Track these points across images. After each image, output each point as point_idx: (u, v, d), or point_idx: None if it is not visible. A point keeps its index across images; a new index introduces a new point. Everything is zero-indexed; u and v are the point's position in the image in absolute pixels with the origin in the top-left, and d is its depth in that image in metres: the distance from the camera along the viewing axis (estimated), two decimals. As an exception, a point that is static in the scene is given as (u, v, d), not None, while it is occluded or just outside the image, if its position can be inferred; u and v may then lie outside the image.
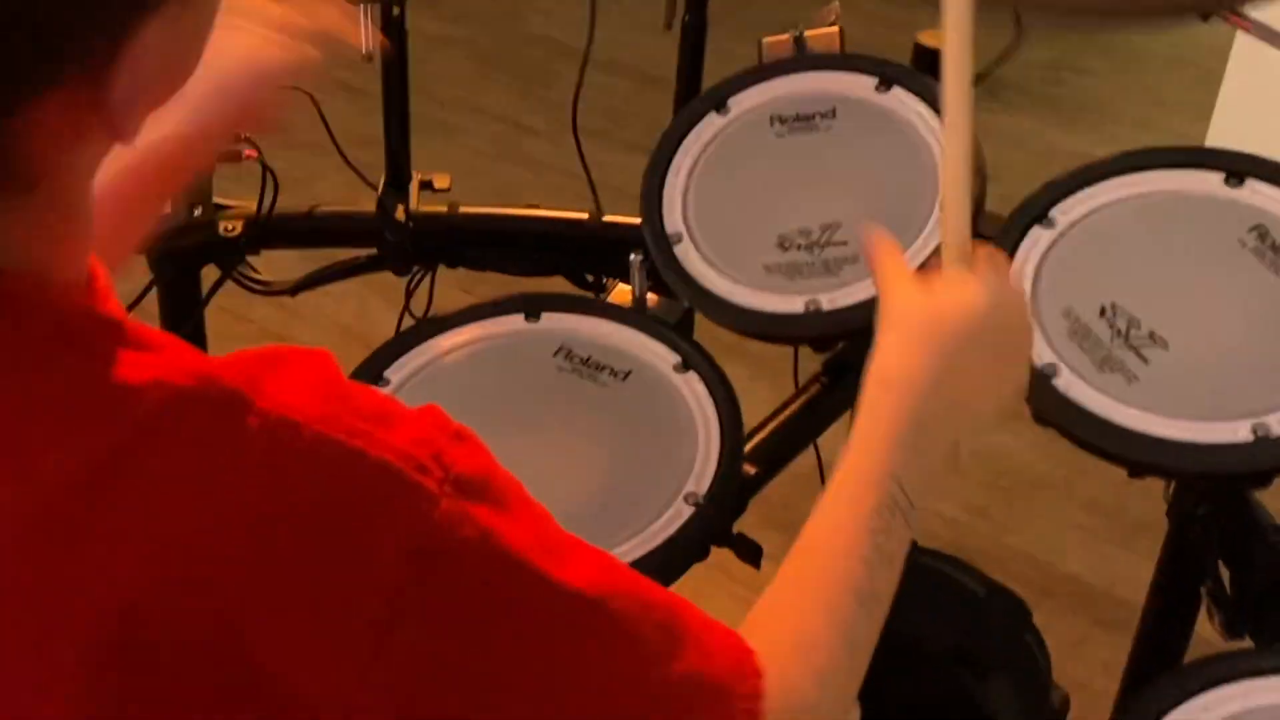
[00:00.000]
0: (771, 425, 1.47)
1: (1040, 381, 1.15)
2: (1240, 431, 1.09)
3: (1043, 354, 1.17)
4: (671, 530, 1.19)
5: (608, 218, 1.66)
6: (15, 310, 0.60)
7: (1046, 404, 1.15)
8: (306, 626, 0.59)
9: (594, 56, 1.71)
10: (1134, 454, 1.12)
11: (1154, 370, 1.15)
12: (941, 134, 0.99)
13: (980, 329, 0.91)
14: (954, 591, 1.41)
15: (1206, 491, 1.32)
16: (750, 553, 1.35)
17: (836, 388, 1.51)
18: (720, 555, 1.27)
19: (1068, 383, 1.15)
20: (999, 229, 1.26)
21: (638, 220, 1.42)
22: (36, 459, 0.58)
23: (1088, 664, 1.74)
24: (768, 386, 1.60)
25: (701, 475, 1.23)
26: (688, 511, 1.20)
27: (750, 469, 1.36)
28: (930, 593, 1.41)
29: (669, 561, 1.18)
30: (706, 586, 1.19)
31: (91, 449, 0.58)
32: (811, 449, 1.58)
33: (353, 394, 0.64)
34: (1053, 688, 1.43)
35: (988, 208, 1.33)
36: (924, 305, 0.92)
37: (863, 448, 0.87)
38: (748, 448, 1.33)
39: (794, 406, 1.50)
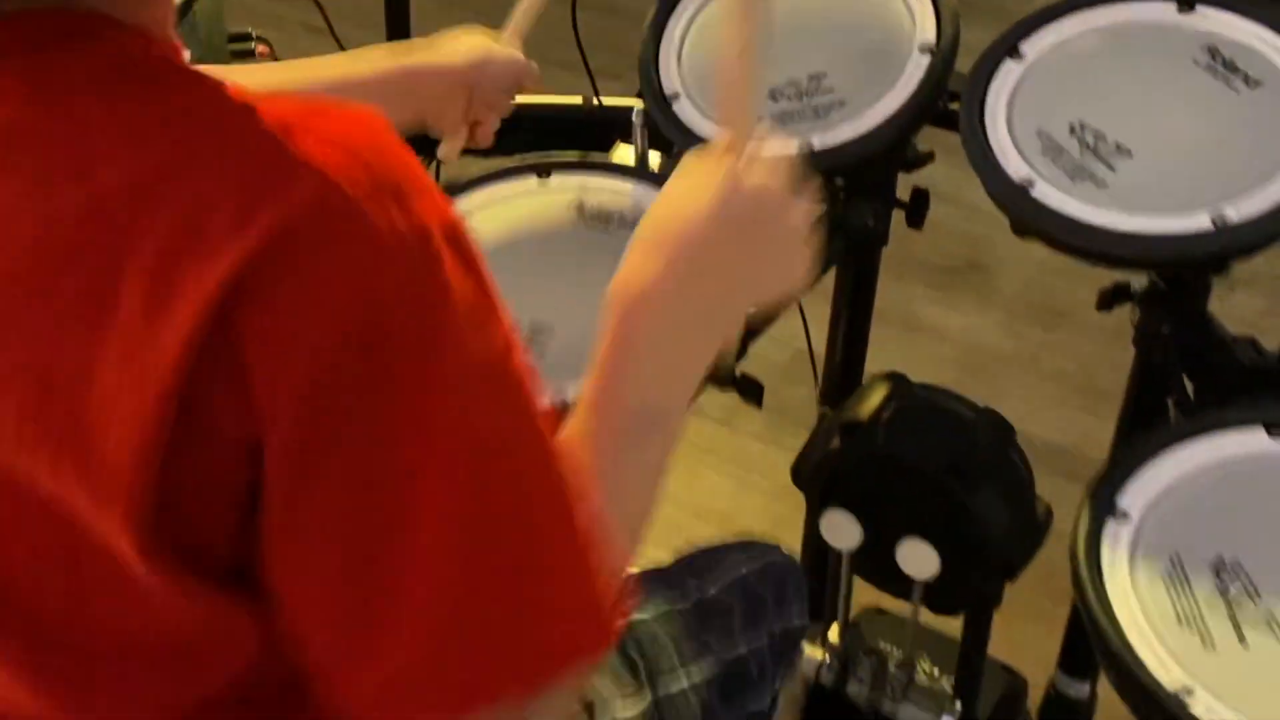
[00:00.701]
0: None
1: (1019, 193, 1.27)
2: (1201, 221, 1.21)
3: (1019, 169, 1.28)
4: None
5: (601, 100, 1.76)
6: (94, 39, 0.71)
7: (1025, 212, 1.26)
8: (283, 322, 0.65)
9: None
10: (1109, 249, 1.23)
11: (1121, 176, 1.26)
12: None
13: (716, 230, 0.91)
14: (945, 414, 1.52)
15: (1170, 309, 1.44)
16: (753, 392, 1.45)
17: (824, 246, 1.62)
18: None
19: (1044, 192, 1.26)
20: (972, 64, 1.37)
21: (630, 103, 1.52)
22: (99, 165, 0.66)
23: (1063, 517, 1.85)
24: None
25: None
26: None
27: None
28: (925, 417, 1.52)
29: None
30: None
31: (143, 163, 0.66)
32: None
33: (384, 159, 0.69)
34: (1036, 499, 1.55)
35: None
36: (656, 216, 0.92)
37: (596, 372, 0.87)
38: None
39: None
